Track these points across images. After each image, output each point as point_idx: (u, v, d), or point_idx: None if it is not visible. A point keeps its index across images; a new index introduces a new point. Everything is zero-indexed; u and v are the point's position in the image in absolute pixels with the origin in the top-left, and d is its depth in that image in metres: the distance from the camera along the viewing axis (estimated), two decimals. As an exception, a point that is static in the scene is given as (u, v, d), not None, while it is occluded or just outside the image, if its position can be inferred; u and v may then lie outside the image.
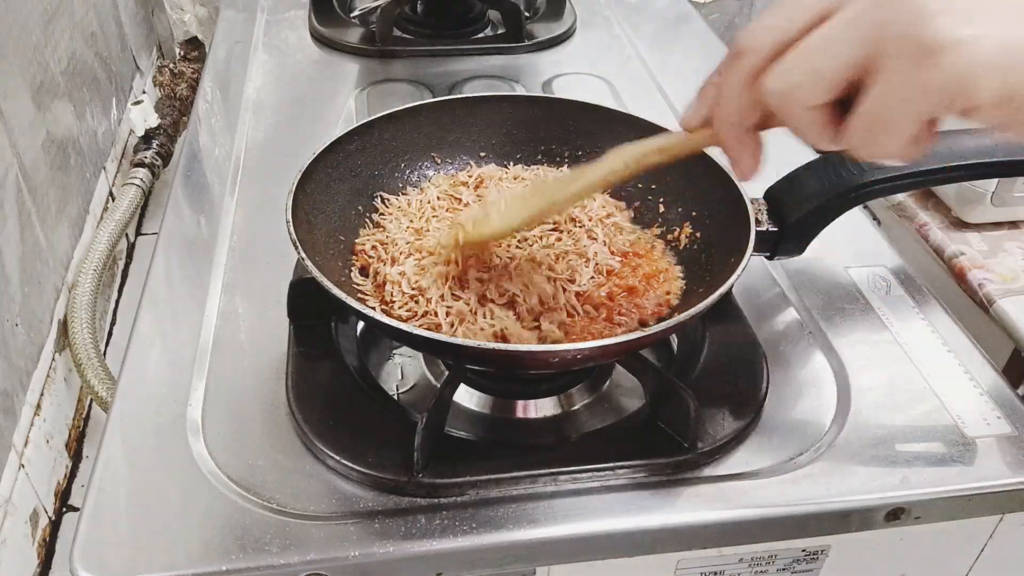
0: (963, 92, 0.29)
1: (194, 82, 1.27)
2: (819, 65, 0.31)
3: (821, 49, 0.31)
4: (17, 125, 0.78)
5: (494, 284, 0.54)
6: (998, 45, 0.28)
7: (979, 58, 0.28)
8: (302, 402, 0.53)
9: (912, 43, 0.29)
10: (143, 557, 0.46)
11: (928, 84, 0.29)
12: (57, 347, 0.82)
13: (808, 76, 0.32)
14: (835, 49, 0.31)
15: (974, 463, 0.53)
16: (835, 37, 0.31)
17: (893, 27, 0.29)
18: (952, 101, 0.29)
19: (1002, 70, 0.28)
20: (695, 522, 0.49)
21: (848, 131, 0.32)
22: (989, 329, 0.82)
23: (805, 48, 0.32)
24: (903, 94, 0.30)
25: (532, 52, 1.03)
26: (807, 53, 0.31)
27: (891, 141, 0.31)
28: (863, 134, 0.32)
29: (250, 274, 0.66)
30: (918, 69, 0.29)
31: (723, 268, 0.53)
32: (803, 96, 0.32)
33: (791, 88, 0.32)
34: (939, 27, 0.28)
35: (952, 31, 0.28)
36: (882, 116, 0.31)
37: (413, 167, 0.66)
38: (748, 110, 0.34)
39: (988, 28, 0.28)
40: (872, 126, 0.31)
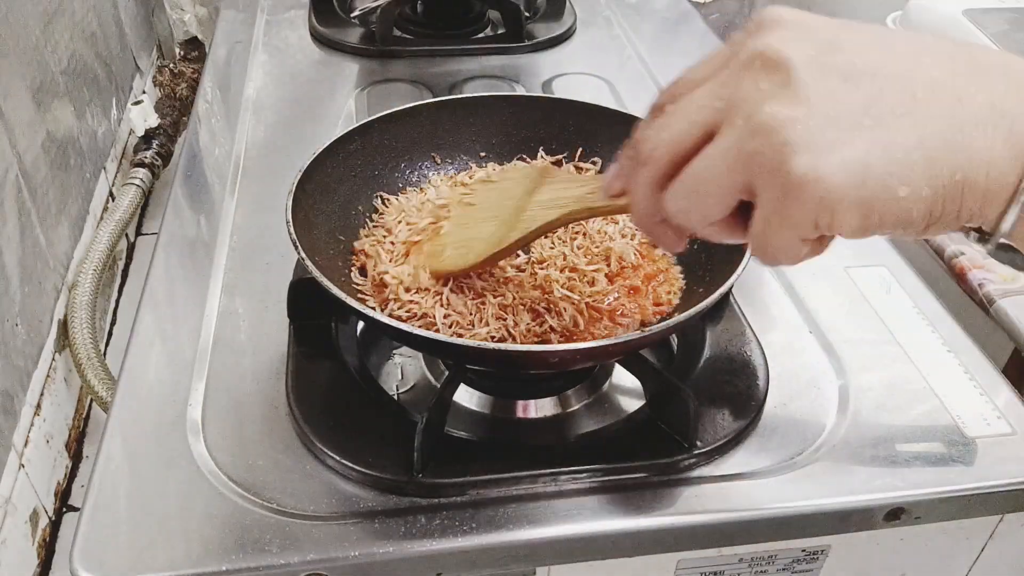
0: (828, 222, 0.31)
1: (194, 82, 1.27)
2: (705, 192, 0.34)
3: (704, 179, 0.34)
4: (17, 125, 0.78)
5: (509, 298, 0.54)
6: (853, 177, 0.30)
7: (836, 194, 0.30)
8: (302, 402, 0.53)
9: (778, 179, 0.31)
10: (143, 557, 0.46)
11: (797, 216, 0.31)
12: (57, 347, 0.82)
13: (698, 203, 0.34)
14: (716, 179, 0.33)
15: (974, 463, 0.53)
16: (714, 166, 0.33)
17: (762, 161, 0.31)
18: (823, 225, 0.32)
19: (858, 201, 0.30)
20: (695, 522, 0.49)
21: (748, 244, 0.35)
22: (989, 329, 0.82)
23: (690, 175, 0.34)
24: (779, 224, 0.32)
25: (532, 52, 1.03)
26: (692, 181, 0.34)
27: (783, 257, 0.34)
28: (759, 250, 0.35)
29: (250, 274, 0.66)
30: (786, 202, 0.31)
31: (723, 268, 0.53)
32: (696, 219, 0.35)
33: (685, 212, 0.35)
34: (799, 165, 0.30)
35: (811, 169, 0.30)
36: (768, 239, 0.33)
37: (413, 167, 0.66)
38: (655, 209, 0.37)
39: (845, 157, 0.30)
40: (764, 246, 0.34)
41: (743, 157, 0.32)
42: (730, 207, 0.34)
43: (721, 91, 0.33)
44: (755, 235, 0.34)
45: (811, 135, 0.30)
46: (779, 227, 0.32)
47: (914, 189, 0.30)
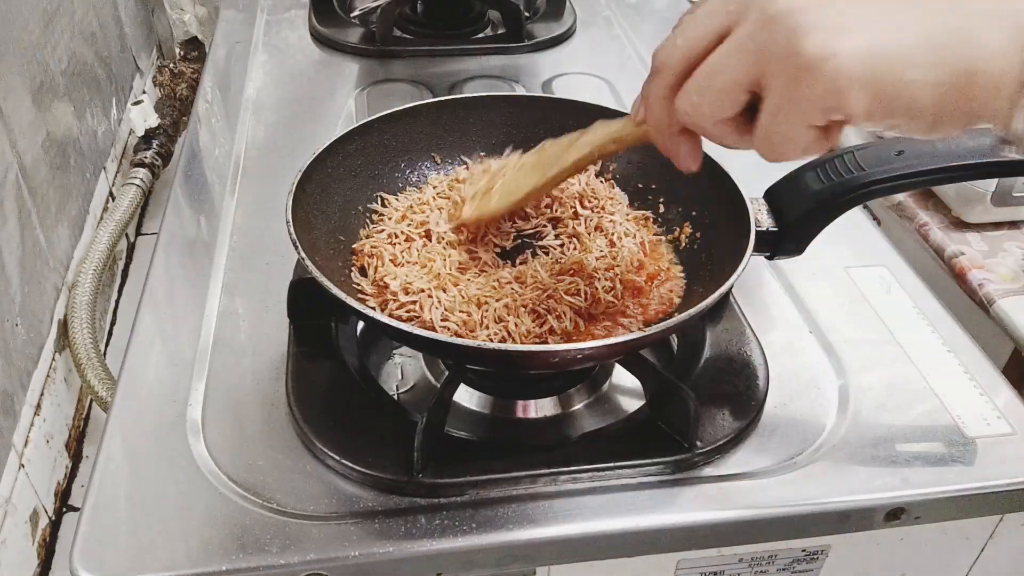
0: (837, 103, 0.32)
1: (194, 82, 1.27)
2: (715, 87, 0.35)
3: (716, 72, 0.35)
4: (17, 125, 0.78)
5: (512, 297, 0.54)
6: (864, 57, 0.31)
7: (846, 72, 0.31)
8: (302, 402, 0.53)
9: (789, 62, 0.32)
10: (143, 557, 0.46)
11: (806, 98, 0.32)
12: (57, 347, 0.82)
13: (708, 97, 0.35)
14: (727, 72, 0.34)
15: (974, 463, 0.53)
16: (726, 61, 0.34)
17: (773, 47, 0.32)
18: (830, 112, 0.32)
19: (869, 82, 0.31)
20: (695, 522, 0.49)
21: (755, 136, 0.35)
22: (989, 329, 0.82)
23: (702, 72, 0.35)
24: (788, 108, 0.33)
25: (532, 52, 1.03)
26: (704, 76, 0.35)
27: (789, 148, 0.35)
28: (764, 143, 0.35)
29: (250, 274, 0.66)
30: (796, 86, 0.32)
31: (723, 268, 0.53)
32: (707, 114, 0.36)
33: (696, 108, 0.36)
34: (810, 45, 0.31)
35: (822, 48, 0.31)
36: (776, 128, 0.34)
37: (413, 167, 0.66)
38: (671, 119, 0.38)
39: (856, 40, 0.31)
40: (770, 136, 0.35)
41: (755, 47, 0.33)
42: (740, 102, 0.35)
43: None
44: (763, 127, 0.34)
45: (822, 19, 0.31)
46: (788, 113, 0.33)
47: (923, 73, 0.31)
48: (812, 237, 0.57)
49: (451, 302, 0.53)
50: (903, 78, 0.31)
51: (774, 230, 0.56)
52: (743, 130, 0.36)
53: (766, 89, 0.33)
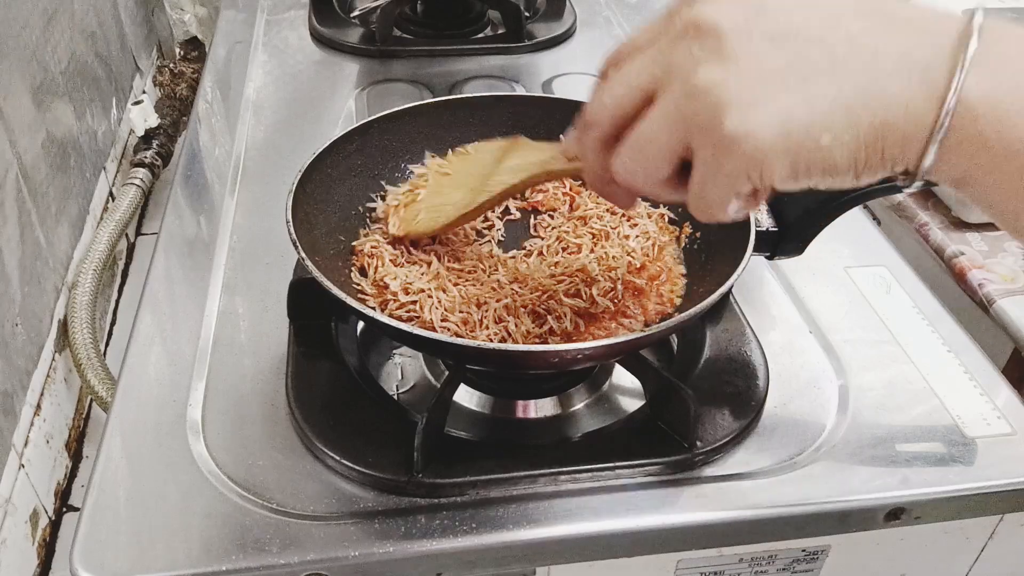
0: (758, 174, 0.34)
1: (194, 82, 1.27)
2: (648, 155, 0.36)
3: (647, 141, 0.36)
4: (17, 125, 0.78)
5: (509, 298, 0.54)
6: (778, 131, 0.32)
7: (763, 146, 0.33)
8: (302, 402, 0.53)
9: (713, 137, 0.33)
10: (143, 557, 0.46)
11: (731, 170, 0.34)
12: (57, 347, 0.82)
13: (641, 164, 0.37)
14: (658, 141, 0.36)
15: (974, 463, 0.53)
16: (656, 129, 0.36)
17: (697, 120, 0.34)
18: (755, 179, 0.34)
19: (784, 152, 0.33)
20: (695, 522, 0.49)
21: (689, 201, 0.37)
22: (989, 329, 0.82)
23: (635, 139, 0.37)
24: (715, 179, 0.35)
25: (532, 52, 1.03)
26: (636, 144, 0.37)
27: (719, 211, 0.36)
28: (696, 206, 0.37)
29: (250, 274, 0.66)
30: (720, 159, 0.34)
31: (723, 268, 0.53)
32: (642, 179, 0.38)
33: (631, 173, 0.38)
34: (729, 122, 0.33)
35: (740, 124, 0.32)
36: (705, 194, 0.36)
37: (413, 167, 0.66)
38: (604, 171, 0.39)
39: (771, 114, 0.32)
40: (701, 201, 0.36)
41: (680, 118, 0.34)
42: (672, 166, 0.36)
43: (659, 57, 0.36)
44: (693, 191, 0.36)
45: (740, 94, 0.33)
46: (714, 182, 0.35)
47: (836, 136, 0.32)
48: (812, 237, 0.58)
49: (451, 302, 0.53)
50: (818, 144, 0.33)
51: (774, 230, 0.56)
52: (677, 188, 0.38)
53: (694, 157, 0.35)
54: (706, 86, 0.33)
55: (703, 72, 0.33)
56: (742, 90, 0.33)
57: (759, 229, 0.55)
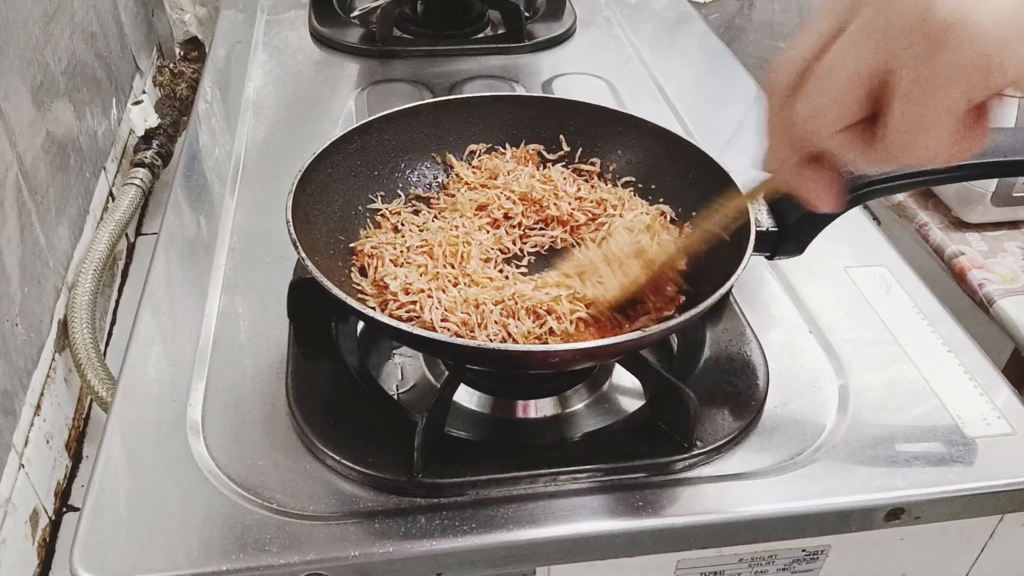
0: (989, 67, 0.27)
1: (194, 82, 1.27)
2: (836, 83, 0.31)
3: (836, 66, 0.31)
4: (17, 125, 0.78)
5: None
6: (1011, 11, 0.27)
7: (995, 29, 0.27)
8: (302, 402, 0.53)
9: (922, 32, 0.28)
10: (143, 557, 0.46)
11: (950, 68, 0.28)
12: (57, 347, 0.82)
13: (827, 95, 0.31)
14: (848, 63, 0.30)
15: (974, 463, 0.53)
16: (846, 51, 0.30)
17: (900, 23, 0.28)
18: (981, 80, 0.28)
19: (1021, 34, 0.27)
20: (695, 522, 0.49)
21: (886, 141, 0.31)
22: (989, 329, 0.82)
23: (820, 70, 0.31)
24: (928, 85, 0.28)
25: (532, 52, 1.03)
26: (823, 75, 0.31)
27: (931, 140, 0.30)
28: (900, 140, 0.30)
29: (250, 274, 0.66)
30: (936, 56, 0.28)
31: (723, 268, 0.53)
32: (829, 118, 0.32)
33: (816, 113, 0.32)
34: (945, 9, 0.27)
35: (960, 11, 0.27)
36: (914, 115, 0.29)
37: (413, 167, 0.66)
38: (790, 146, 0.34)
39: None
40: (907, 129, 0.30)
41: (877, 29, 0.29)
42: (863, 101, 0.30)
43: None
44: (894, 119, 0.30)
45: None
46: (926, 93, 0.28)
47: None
48: (812, 237, 0.57)
49: (451, 303, 0.53)
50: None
51: (774, 230, 0.56)
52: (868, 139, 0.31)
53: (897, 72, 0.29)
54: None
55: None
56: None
57: (759, 229, 0.55)
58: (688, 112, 0.91)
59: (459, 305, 0.53)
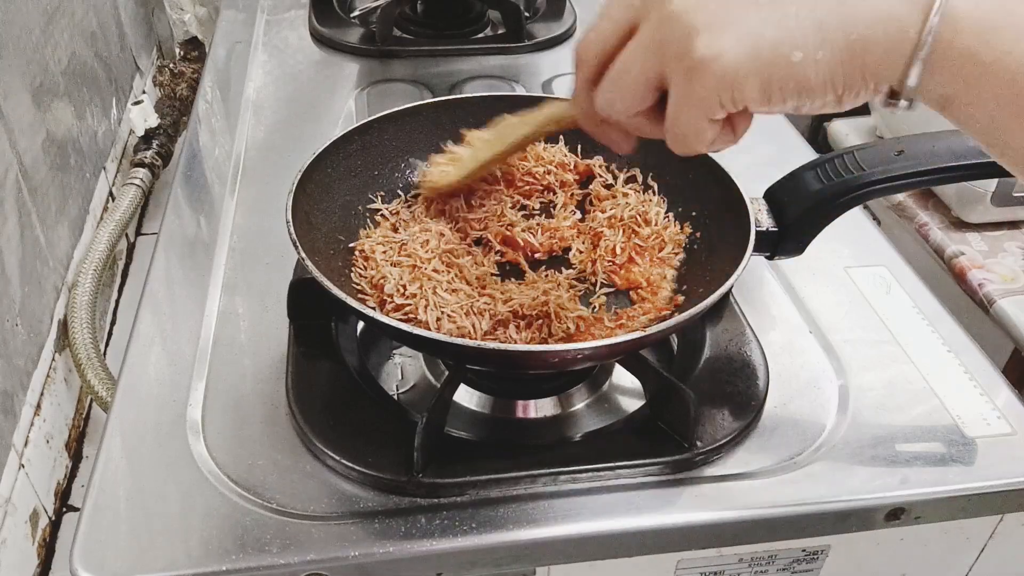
0: (732, 95, 0.34)
1: (194, 82, 1.27)
2: (625, 84, 0.37)
3: (624, 70, 0.37)
4: (17, 125, 0.78)
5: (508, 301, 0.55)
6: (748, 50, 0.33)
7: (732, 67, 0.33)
8: (302, 402, 0.53)
9: (684, 61, 0.34)
10: (143, 557, 0.46)
11: (702, 93, 0.34)
12: (57, 347, 0.82)
13: (619, 94, 0.38)
14: (633, 70, 0.37)
15: (974, 463, 0.53)
16: (631, 59, 0.37)
17: (670, 47, 0.35)
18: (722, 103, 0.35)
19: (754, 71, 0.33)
20: (695, 522, 0.49)
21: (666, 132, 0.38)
22: (989, 329, 0.82)
23: (614, 69, 0.37)
24: (688, 104, 0.35)
25: (532, 52, 1.03)
26: (615, 74, 0.37)
27: (695, 141, 0.37)
28: (672, 136, 0.37)
29: (250, 274, 0.66)
30: (691, 83, 0.34)
31: (723, 268, 0.53)
32: (621, 109, 0.38)
33: (610, 104, 0.38)
34: (700, 45, 0.33)
35: (709, 46, 0.33)
36: (680, 122, 0.36)
37: (413, 167, 0.66)
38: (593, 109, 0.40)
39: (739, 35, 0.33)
40: (676, 130, 0.37)
41: (654, 46, 0.35)
42: (649, 95, 0.37)
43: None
44: (669, 122, 0.37)
45: (711, 18, 0.33)
46: (687, 108, 0.35)
47: (807, 53, 0.32)
48: (812, 237, 0.57)
49: (446, 304, 0.53)
50: (789, 62, 0.33)
51: (774, 230, 0.56)
52: (657, 121, 0.38)
53: (669, 85, 0.36)
54: (678, 12, 0.34)
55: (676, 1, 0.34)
56: (713, 14, 0.33)
57: (759, 229, 0.54)
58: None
59: (458, 309, 0.53)
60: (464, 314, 0.53)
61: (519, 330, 0.53)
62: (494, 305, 0.54)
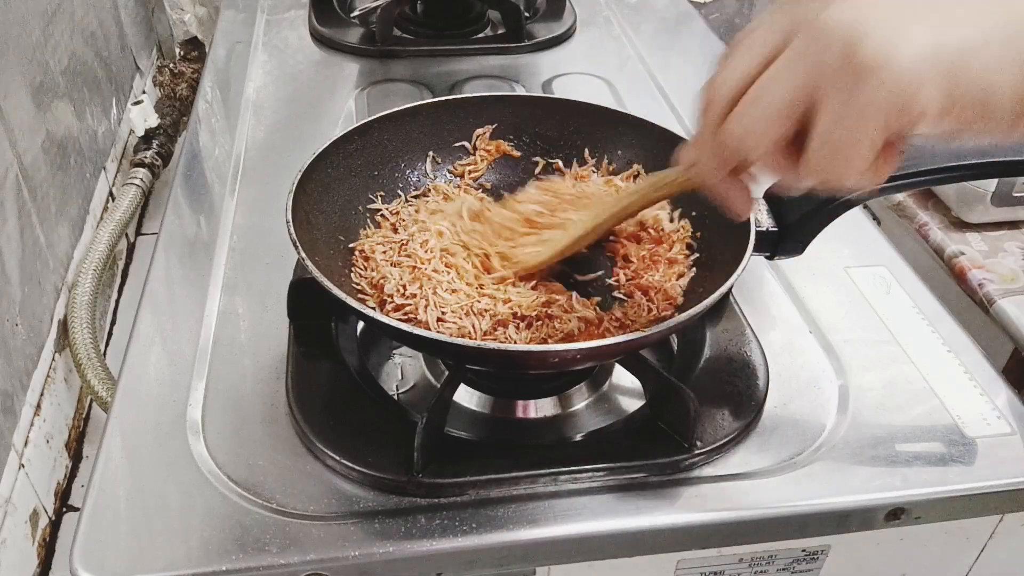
0: (906, 105, 0.30)
1: (194, 82, 1.27)
2: (765, 106, 0.33)
3: (766, 91, 0.33)
4: (17, 125, 0.78)
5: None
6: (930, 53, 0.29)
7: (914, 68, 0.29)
8: (302, 402, 0.53)
9: (848, 68, 0.30)
10: (143, 557, 0.46)
11: (870, 104, 0.30)
12: (57, 347, 0.82)
13: (758, 118, 0.33)
14: (779, 89, 0.32)
15: (974, 463, 0.53)
16: (778, 77, 0.32)
17: (827, 57, 0.30)
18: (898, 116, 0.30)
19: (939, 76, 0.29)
20: (695, 522, 0.49)
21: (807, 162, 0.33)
22: (989, 329, 0.82)
23: (753, 93, 0.33)
24: (849, 118, 0.31)
25: (532, 52, 1.03)
26: (755, 97, 0.33)
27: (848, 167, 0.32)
28: (819, 163, 0.32)
29: (250, 274, 0.66)
30: (858, 91, 0.30)
31: (723, 268, 0.53)
32: (757, 137, 0.34)
33: (745, 132, 0.34)
34: (870, 48, 0.29)
35: (883, 49, 0.29)
36: (834, 142, 0.31)
37: (413, 167, 0.66)
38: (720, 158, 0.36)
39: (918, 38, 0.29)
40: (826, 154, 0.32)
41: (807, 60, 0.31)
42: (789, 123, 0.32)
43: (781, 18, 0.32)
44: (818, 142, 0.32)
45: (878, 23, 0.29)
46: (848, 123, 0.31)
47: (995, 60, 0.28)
48: (812, 237, 0.58)
49: (445, 304, 0.53)
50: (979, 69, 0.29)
51: (774, 230, 0.56)
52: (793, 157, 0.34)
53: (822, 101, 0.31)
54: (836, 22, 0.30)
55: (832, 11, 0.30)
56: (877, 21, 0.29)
57: (759, 229, 0.55)
58: (688, 112, 0.91)
59: (459, 311, 0.53)
60: (464, 314, 0.53)
61: (519, 330, 0.53)
62: (494, 306, 0.54)
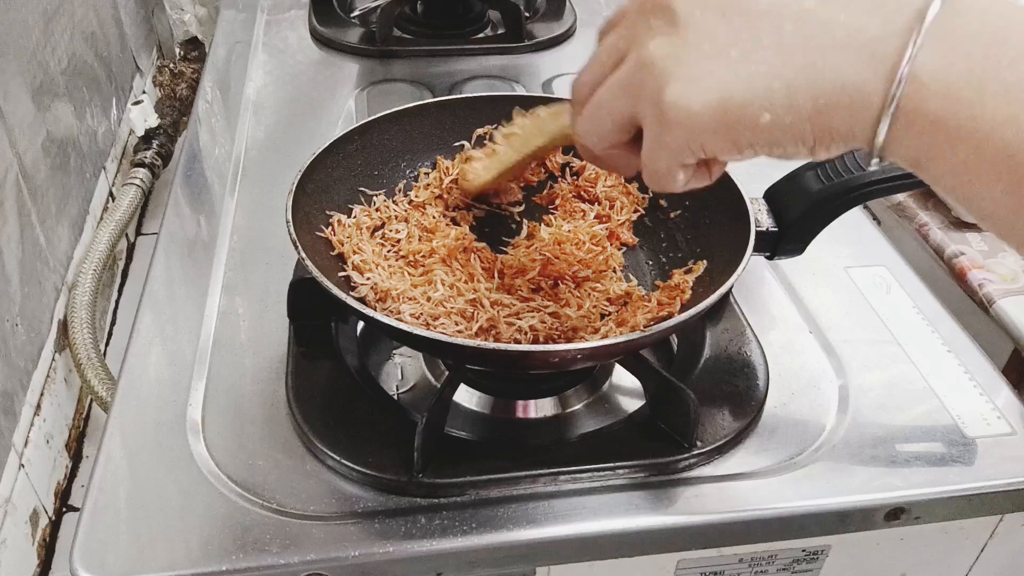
0: (702, 147, 0.34)
1: (194, 82, 1.27)
2: (600, 120, 0.38)
3: (600, 106, 0.37)
4: (17, 125, 0.78)
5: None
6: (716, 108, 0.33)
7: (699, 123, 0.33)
8: (302, 402, 0.53)
9: (656, 109, 0.34)
10: (143, 557, 0.46)
11: (672, 142, 0.34)
12: (57, 347, 0.82)
13: (594, 129, 0.38)
14: (608, 107, 0.37)
15: (974, 463, 0.53)
16: (607, 97, 0.37)
17: (643, 91, 0.35)
18: (692, 152, 0.35)
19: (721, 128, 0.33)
20: (695, 522, 0.49)
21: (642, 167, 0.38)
22: (989, 329, 0.82)
23: (592, 101, 0.38)
24: (659, 150, 0.35)
25: (532, 52, 1.03)
26: (592, 109, 0.38)
27: (668, 182, 0.37)
28: (647, 176, 0.37)
29: (250, 274, 0.66)
30: (662, 131, 0.34)
31: (723, 268, 0.53)
32: (596, 143, 0.39)
33: (587, 136, 0.39)
34: (669, 95, 0.33)
35: (680, 97, 0.33)
36: (653, 165, 0.36)
37: (413, 167, 0.66)
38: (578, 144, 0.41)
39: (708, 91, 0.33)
40: (649, 170, 0.37)
41: (630, 88, 0.36)
42: (624, 133, 0.37)
43: (624, 32, 0.36)
44: (643, 160, 0.37)
45: (684, 68, 0.33)
46: (659, 153, 0.35)
47: (776, 116, 0.32)
48: (812, 237, 0.58)
49: (435, 308, 0.53)
50: (756, 123, 0.32)
51: (774, 230, 0.56)
52: (632, 157, 0.38)
53: (643, 127, 0.36)
54: (654, 58, 0.34)
55: (654, 44, 0.34)
56: (686, 64, 0.33)
57: (759, 229, 0.55)
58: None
59: (457, 313, 0.53)
60: (463, 314, 0.53)
61: (520, 332, 0.53)
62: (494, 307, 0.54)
